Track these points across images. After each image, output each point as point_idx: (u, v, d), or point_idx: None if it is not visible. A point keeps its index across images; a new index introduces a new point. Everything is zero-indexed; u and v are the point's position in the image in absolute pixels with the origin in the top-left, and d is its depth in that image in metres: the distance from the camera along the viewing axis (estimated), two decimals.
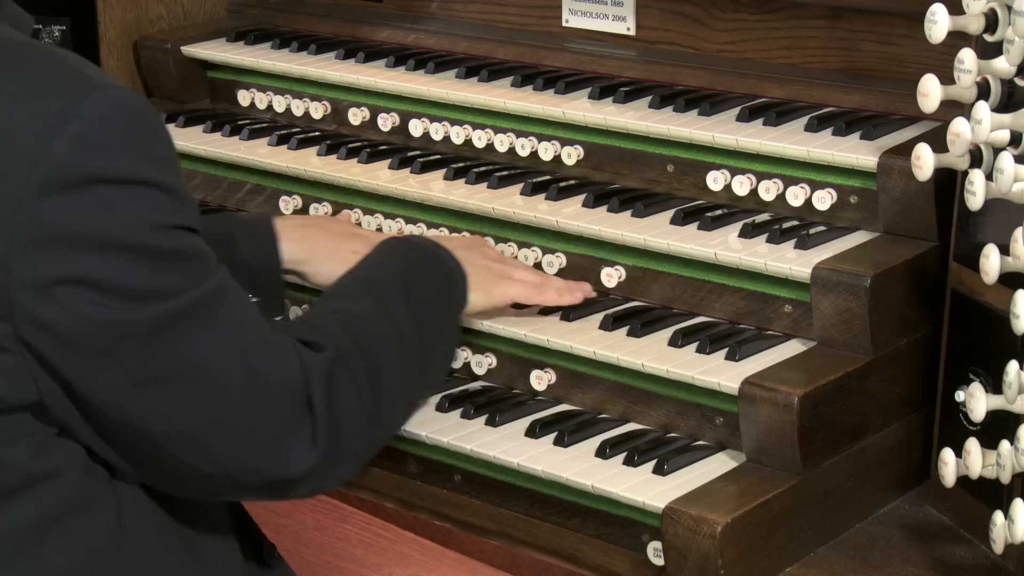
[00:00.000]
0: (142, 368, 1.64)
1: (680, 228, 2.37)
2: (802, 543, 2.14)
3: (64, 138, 1.57)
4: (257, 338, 1.74)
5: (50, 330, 1.60)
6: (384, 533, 2.34)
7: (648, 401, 2.30)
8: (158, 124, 1.67)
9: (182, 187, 1.68)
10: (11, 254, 1.57)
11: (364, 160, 2.76)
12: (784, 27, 2.60)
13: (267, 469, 1.74)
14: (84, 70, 1.63)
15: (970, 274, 2.10)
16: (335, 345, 1.83)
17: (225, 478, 1.73)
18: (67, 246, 1.58)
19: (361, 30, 3.10)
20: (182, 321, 1.65)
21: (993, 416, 1.91)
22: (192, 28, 3.30)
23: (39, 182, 1.56)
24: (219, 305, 1.69)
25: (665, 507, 2.05)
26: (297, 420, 1.75)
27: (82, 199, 1.58)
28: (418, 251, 2.18)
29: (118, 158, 1.60)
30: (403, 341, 1.97)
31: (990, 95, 1.99)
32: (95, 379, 1.64)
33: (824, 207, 2.34)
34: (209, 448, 1.70)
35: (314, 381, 1.77)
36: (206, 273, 1.69)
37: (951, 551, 2.14)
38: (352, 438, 1.81)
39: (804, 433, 2.09)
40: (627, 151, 2.56)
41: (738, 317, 2.33)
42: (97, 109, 1.59)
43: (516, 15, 2.96)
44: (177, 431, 1.68)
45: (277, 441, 1.74)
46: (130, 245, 1.61)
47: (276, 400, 1.73)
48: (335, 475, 1.83)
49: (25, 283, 1.58)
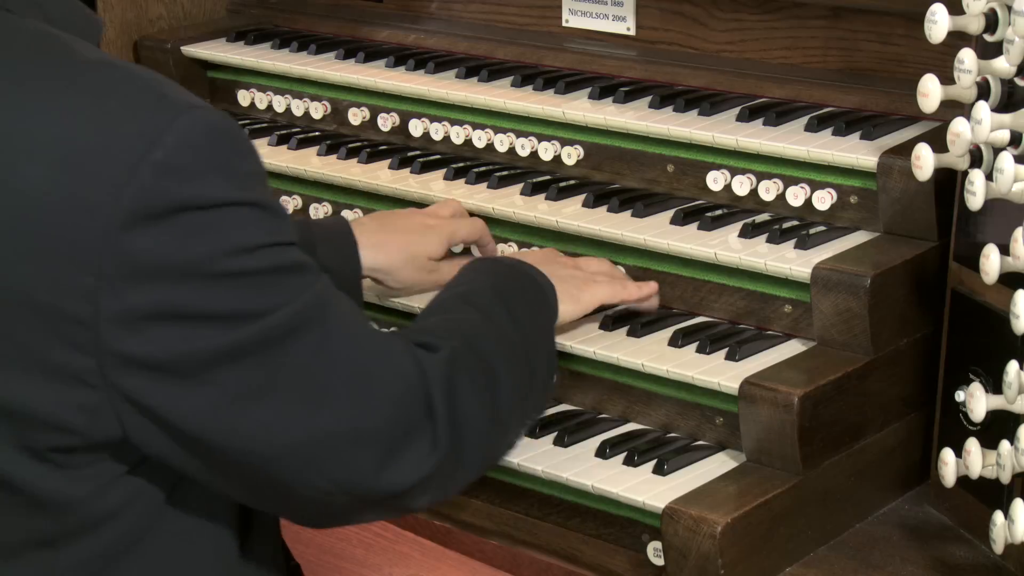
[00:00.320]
0: (243, 389, 1.58)
1: (680, 228, 2.37)
2: (802, 543, 2.14)
3: (149, 167, 1.51)
4: (367, 342, 1.69)
5: (140, 364, 1.54)
6: (384, 533, 2.34)
7: (648, 401, 2.30)
8: (242, 139, 1.61)
9: (272, 200, 1.62)
10: (99, 288, 1.51)
11: (364, 160, 2.77)
12: (784, 27, 2.60)
13: (388, 479, 1.67)
14: (165, 90, 1.57)
15: (970, 274, 2.10)
16: (450, 346, 1.78)
17: (342, 494, 1.66)
18: (156, 278, 1.53)
19: (361, 30, 3.10)
20: (284, 336, 1.59)
21: (993, 416, 1.91)
22: (192, 28, 3.30)
23: (125, 214, 1.51)
24: (323, 314, 1.63)
25: (665, 507, 2.05)
26: (418, 423, 1.69)
27: (170, 229, 1.52)
28: (505, 267, 2.13)
29: (205, 183, 1.54)
30: (511, 348, 1.91)
31: (990, 95, 1.99)
32: (192, 409, 1.58)
33: (824, 207, 2.34)
34: (324, 463, 1.64)
35: (433, 381, 1.71)
36: (305, 285, 1.63)
37: (951, 551, 2.14)
38: (475, 439, 1.76)
39: (804, 433, 2.09)
40: (627, 151, 2.56)
41: (738, 317, 2.33)
42: (181, 134, 1.53)
43: (516, 15, 2.96)
44: (287, 449, 1.62)
45: (398, 446, 1.68)
46: (221, 271, 1.55)
47: (393, 404, 1.68)
48: (457, 479, 1.78)
49: (113, 317, 1.52)
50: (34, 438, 1.57)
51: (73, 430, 1.57)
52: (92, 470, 1.61)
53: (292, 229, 1.64)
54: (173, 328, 1.54)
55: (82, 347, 1.53)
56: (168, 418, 1.58)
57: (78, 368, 1.54)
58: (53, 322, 1.52)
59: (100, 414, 1.57)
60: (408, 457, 1.69)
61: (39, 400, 1.55)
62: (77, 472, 1.60)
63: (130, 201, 1.50)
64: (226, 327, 1.56)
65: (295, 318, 1.60)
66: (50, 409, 1.56)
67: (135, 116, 1.53)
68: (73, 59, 1.58)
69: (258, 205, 1.59)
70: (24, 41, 1.60)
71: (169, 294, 1.53)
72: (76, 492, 1.61)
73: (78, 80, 1.56)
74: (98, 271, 1.51)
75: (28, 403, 1.56)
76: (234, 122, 1.61)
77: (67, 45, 1.60)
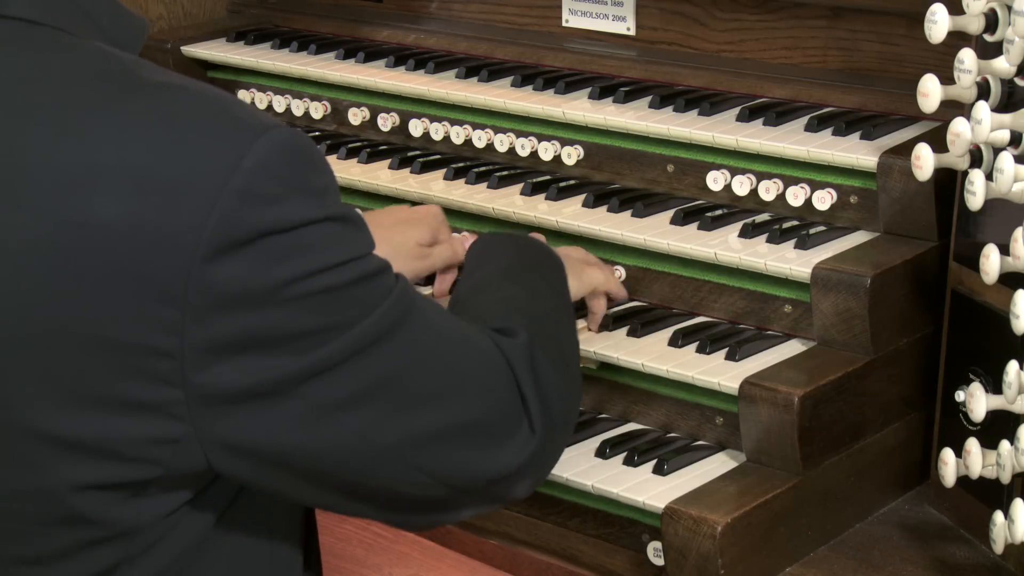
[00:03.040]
0: (334, 401, 1.56)
1: (680, 228, 2.37)
2: (802, 543, 2.14)
3: (229, 195, 1.46)
4: (453, 337, 1.67)
5: (227, 392, 1.51)
6: (384, 533, 2.34)
7: (648, 401, 2.30)
8: (316, 153, 1.57)
9: (348, 209, 1.59)
10: (184, 320, 1.47)
11: (364, 160, 2.77)
12: (784, 27, 2.60)
13: (490, 465, 1.67)
14: (237, 112, 1.52)
15: (970, 274, 2.10)
16: (523, 327, 1.77)
17: (442, 486, 1.65)
18: (242, 305, 1.49)
19: (361, 30, 3.10)
20: (371, 344, 1.57)
21: (993, 416, 1.91)
22: (192, 28, 3.30)
23: (208, 244, 1.46)
24: (407, 315, 1.61)
25: (665, 507, 2.05)
26: (512, 410, 1.69)
27: (254, 255, 1.48)
28: (523, 241, 2.13)
29: (286, 206, 1.50)
30: (558, 314, 1.94)
31: (990, 95, 1.99)
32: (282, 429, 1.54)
33: (824, 207, 2.34)
34: (424, 459, 1.62)
35: (519, 367, 1.71)
36: (387, 290, 1.60)
37: (951, 551, 2.14)
38: (562, 413, 1.76)
39: (804, 433, 2.09)
40: (627, 151, 2.56)
41: (738, 317, 2.33)
42: (259, 159, 1.49)
43: (516, 15, 2.96)
44: (385, 451, 1.60)
45: (497, 433, 1.68)
46: (307, 292, 1.52)
47: (486, 396, 1.68)
48: (551, 458, 1.78)
49: (199, 348, 1.48)
50: (113, 473, 1.53)
51: (156, 462, 1.53)
52: (165, 497, 1.58)
53: (368, 235, 1.62)
54: (261, 353, 1.51)
55: (167, 380, 1.49)
56: (258, 443, 1.55)
57: (162, 401, 1.50)
58: (133, 357, 1.48)
59: (185, 446, 1.53)
60: (508, 445, 1.69)
61: (119, 436, 1.51)
62: (150, 500, 1.57)
63: (212, 231, 1.46)
64: (314, 344, 1.53)
65: (381, 324, 1.58)
66: (132, 444, 1.52)
67: (212, 143, 1.49)
68: (140, 84, 1.54)
69: (337, 219, 1.56)
70: (88, 67, 1.55)
71: (256, 320, 1.50)
72: (145, 519, 1.58)
73: (148, 106, 1.51)
74: (183, 304, 1.47)
75: (107, 440, 1.51)
76: (306, 137, 1.57)
77: (131, 68, 1.56)
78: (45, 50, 1.56)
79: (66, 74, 1.54)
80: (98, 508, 1.55)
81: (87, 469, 1.53)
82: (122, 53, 1.59)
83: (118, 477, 1.54)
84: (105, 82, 1.54)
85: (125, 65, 1.56)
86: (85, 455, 1.52)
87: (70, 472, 1.52)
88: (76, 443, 1.51)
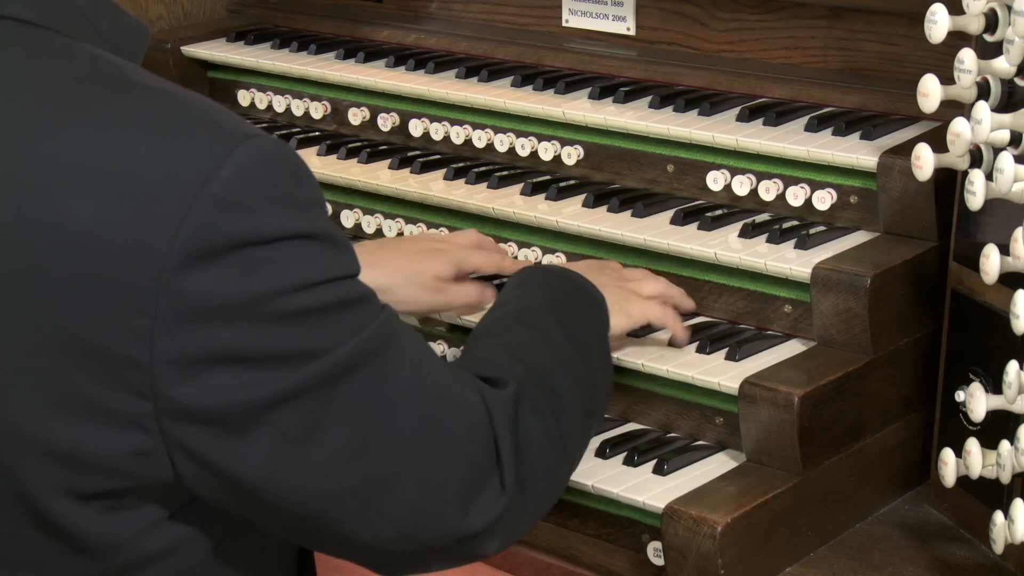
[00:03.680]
0: (299, 430, 1.51)
1: (680, 228, 2.37)
2: (802, 543, 2.14)
3: (205, 202, 1.44)
4: (433, 380, 1.61)
5: (194, 410, 1.48)
6: None
7: (648, 401, 2.30)
8: (300, 166, 1.53)
9: (333, 229, 1.55)
10: (154, 330, 1.44)
11: (364, 160, 2.77)
12: (784, 27, 2.60)
13: (456, 523, 1.61)
14: (220, 120, 1.50)
15: (970, 274, 2.10)
16: (515, 378, 1.71)
17: (407, 541, 1.60)
18: (214, 318, 1.46)
19: (361, 30, 3.10)
20: (343, 374, 1.52)
21: (993, 416, 1.91)
22: (192, 28, 3.30)
23: (181, 252, 1.44)
24: (386, 350, 1.56)
25: (665, 507, 2.05)
26: (485, 466, 1.64)
27: (228, 266, 1.45)
28: (557, 279, 2.06)
29: (263, 217, 1.47)
30: (571, 367, 1.86)
31: (990, 95, 1.99)
32: (246, 453, 1.51)
33: (824, 207, 2.34)
34: (384, 509, 1.57)
35: (500, 421, 1.65)
36: (367, 319, 1.56)
37: (951, 551, 2.14)
38: (540, 476, 1.70)
39: (804, 433, 2.09)
40: (627, 151, 2.56)
41: (738, 317, 2.33)
42: (237, 167, 1.45)
43: (516, 15, 2.96)
44: (345, 493, 1.55)
45: (465, 490, 1.61)
46: (281, 310, 1.48)
47: (461, 445, 1.62)
48: (524, 520, 1.72)
49: (169, 360, 1.46)
50: (85, 482, 1.52)
51: (126, 473, 1.52)
52: (140, 512, 1.56)
53: (353, 258, 1.58)
54: (230, 371, 1.48)
55: (137, 391, 1.48)
56: (221, 463, 1.52)
57: (133, 412, 1.49)
58: (106, 365, 1.47)
59: (154, 458, 1.51)
60: (475, 502, 1.63)
61: (92, 444, 1.50)
62: (125, 513, 1.55)
63: (186, 239, 1.44)
64: (285, 368, 1.50)
65: (355, 355, 1.53)
66: (104, 453, 1.50)
67: (191, 148, 1.46)
68: (126, 87, 1.52)
69: (319, 237, 1.52)
70: (75, 68, 1.53)
71: (227, 335, 1.47)
72: (122, 533, 1.55)
73: (131, 109, 1.49)
74: (153, 312, 1.44)
75: (80, 447, 1.50)
76: (291, 149, 1.54)
77: (119, 71, 1.54)
78: (38, 52, 1.55)
79: (54, 75, 1.53)
80: (72, 517, 1.53)
81: (61, 474, 1.51)
82: (115, 57, 1.57)
83: (91, 486, 1.52)
84: (91, 84, 1.52)
85: (114, 68, 1.54)
86: (57, 461, 1.50)
87: (43, 477, 1.51)
88: (52, 448, 1.50)
